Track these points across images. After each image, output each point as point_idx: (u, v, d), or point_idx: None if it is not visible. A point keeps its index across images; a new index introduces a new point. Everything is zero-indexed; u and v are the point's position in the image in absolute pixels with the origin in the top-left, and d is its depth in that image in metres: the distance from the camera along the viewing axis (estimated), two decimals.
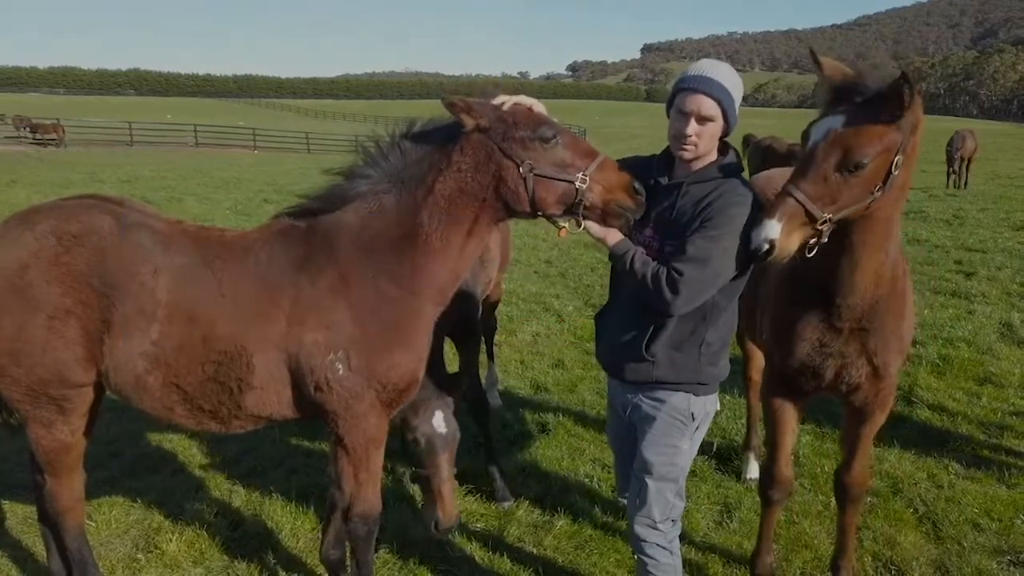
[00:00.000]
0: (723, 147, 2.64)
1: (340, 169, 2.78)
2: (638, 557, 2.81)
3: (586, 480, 4.52)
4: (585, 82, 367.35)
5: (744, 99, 2.63)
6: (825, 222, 2.43)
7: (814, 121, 2.54)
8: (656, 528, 2.72)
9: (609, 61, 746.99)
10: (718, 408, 2.87)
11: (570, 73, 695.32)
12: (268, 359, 2.64)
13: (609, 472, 4.59)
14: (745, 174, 2.70)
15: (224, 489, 4.42)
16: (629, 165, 2.73)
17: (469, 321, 4.25)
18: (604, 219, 2.56)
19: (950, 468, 4.63)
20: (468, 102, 2.50)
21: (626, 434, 2.89)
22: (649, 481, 2.70)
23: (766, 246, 2.38)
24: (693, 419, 2.65)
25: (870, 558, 3.74)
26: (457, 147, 2.58)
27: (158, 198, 18.19)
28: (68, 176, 22.57)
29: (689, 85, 2.52)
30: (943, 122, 71.24)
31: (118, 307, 2.57)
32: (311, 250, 2.68)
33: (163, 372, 2.63)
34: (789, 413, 3.17)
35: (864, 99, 2.42)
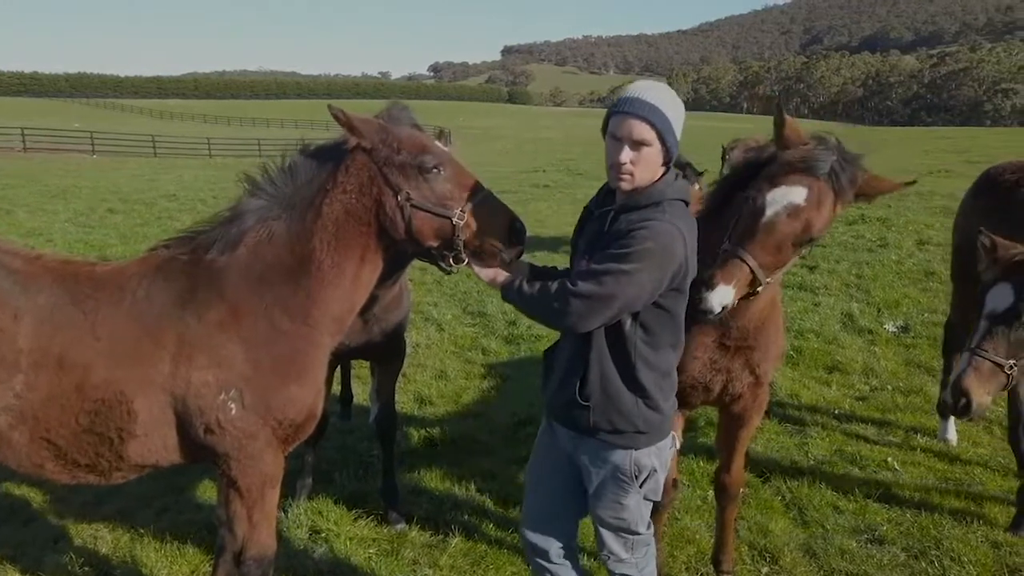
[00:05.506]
0: (663, 172, 2.41)
1: (228, 206, 2.61)
2: None
3: (477, 495, 4.52)
4: (447, 83, 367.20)
5: (600, 100, 2.52)
6: (766, 284, 2.53)
7: (769, 181, 2.50)
8: (622, 560, 2.66)
9: (470, 62, 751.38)
10: (677, 447, 2.80)
11: (432, 74, 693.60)
12: (152, 404, 2.44)
13: (499, 484, 4.63)
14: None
15: (87, 536, 4.07)
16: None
17: (397, 342, 4.14)
18: (480, 258, 2.51)
19: (809, 454, 5.00)
20: (352, 118, 2.39)
21: (552, 472, 2.73)
22: (600, 528, 2.65)
23: (719, 309, 2.45)
24: (638, 476, 2.50)
25: (746, 547, 3.97)
26: (343, 166, 2.49)
27: None
28: None
29: (621, 108, 2.29)
30: None
31: None
32: (196, 284, 2.50)
33: (30, 427, 2.38)
34: (677, 426, 3.31)
35: (824, 174, 2.45)
